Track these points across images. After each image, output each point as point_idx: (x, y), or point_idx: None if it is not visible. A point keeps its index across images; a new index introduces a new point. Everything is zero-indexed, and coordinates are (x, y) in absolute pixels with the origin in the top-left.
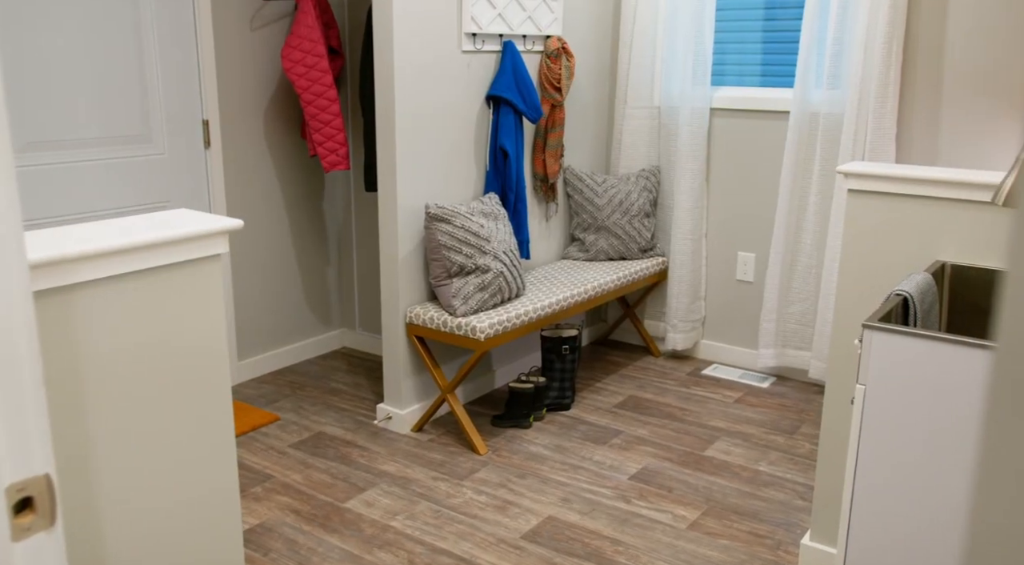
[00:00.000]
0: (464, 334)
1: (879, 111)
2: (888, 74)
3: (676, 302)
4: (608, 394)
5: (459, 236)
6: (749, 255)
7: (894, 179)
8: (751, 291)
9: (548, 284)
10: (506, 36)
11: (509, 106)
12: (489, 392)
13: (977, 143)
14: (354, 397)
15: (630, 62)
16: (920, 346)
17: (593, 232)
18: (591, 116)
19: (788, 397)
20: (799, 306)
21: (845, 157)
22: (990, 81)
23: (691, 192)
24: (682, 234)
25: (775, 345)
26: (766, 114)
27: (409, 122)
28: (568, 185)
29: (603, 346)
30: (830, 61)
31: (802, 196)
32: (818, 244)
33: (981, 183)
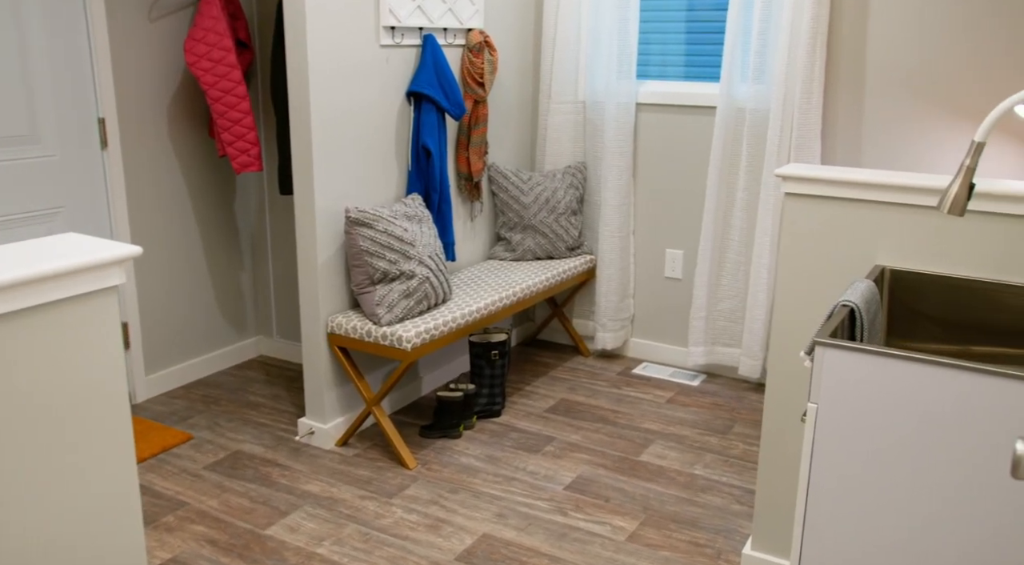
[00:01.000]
0: (390, 344)
1: (804, 107)
2: (813, 70)
3: (605, 301)
4: (539, 398)
5: (382, 241)
6: (677, 252)
7: (832, 182)
8: (680, 288)
9: (475, 287)
10: (426, 29)
11: (431, 103)
12: (416, 400)
13: (900, 140)
14: (273, 411)
15: (554, 56)
16: (874, 363)
17: (520, 231)
18: (515, 112)
19: (719, 395)
20: (728, 303)
21: (772, 153)
22: (912, 78)
23: (618, 189)
24: (610, 232)
25: (705, 343)
26: (692, 109)
27: (325, 121)
28: (493, 183)
29: (532, 347)
30: (755, 57)
31: (729, 192)
32: (746, 241)
33: (920, 187)
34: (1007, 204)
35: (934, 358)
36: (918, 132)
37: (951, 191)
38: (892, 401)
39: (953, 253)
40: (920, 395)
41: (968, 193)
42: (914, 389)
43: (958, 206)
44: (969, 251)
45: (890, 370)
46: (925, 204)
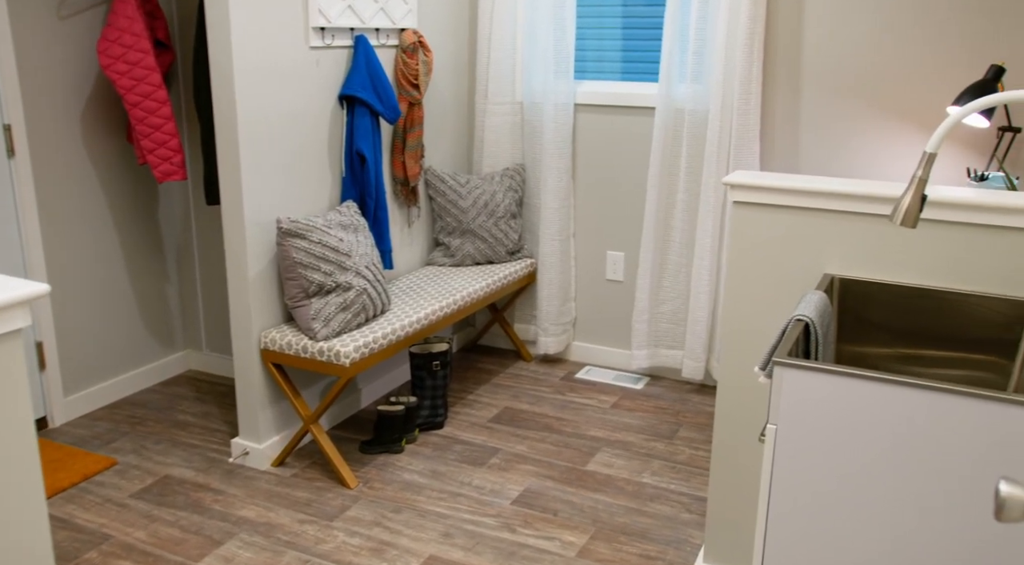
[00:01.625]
0: (327, 360)
1: (743, 108)
2: (750, 71)
3: (547, 305)
4: (482, 407)
5: (316, 252)
6: (618, 254)
7: (780, 191)
8: (621, 291)
9: (415, 296)
10: (358, 30)
11: (364, 106)
12: (356, 413)
13: (837, 140)
14: (204, 430)
15: (489, 56)
16: (835, 383)
17: (458, 236)
18: (451, 113)
19: (663, 398)
20: (670, 305)
21: (711, 155)
22: (848, 78)
23: (558, 191)
24: (550, 235)
25: (648, 346)
26: (631, 110)
27: (253, 127)
28: (430, 187)
29: (473, 353)
30: (693, 57)
31: (670, 194)
32: (687, 243)
33: (869, 195)
34: (955, 212)
35: (899, 378)
36: (854, 132)
37: (903, 203)
38: (855, 422)
39: (902, 261)
40: (884, 416)
41: (920, 204)
42: (878, 410)
43: (911, 218)
44: (918, 259)
45: (853, 390)
46: (874, 212)
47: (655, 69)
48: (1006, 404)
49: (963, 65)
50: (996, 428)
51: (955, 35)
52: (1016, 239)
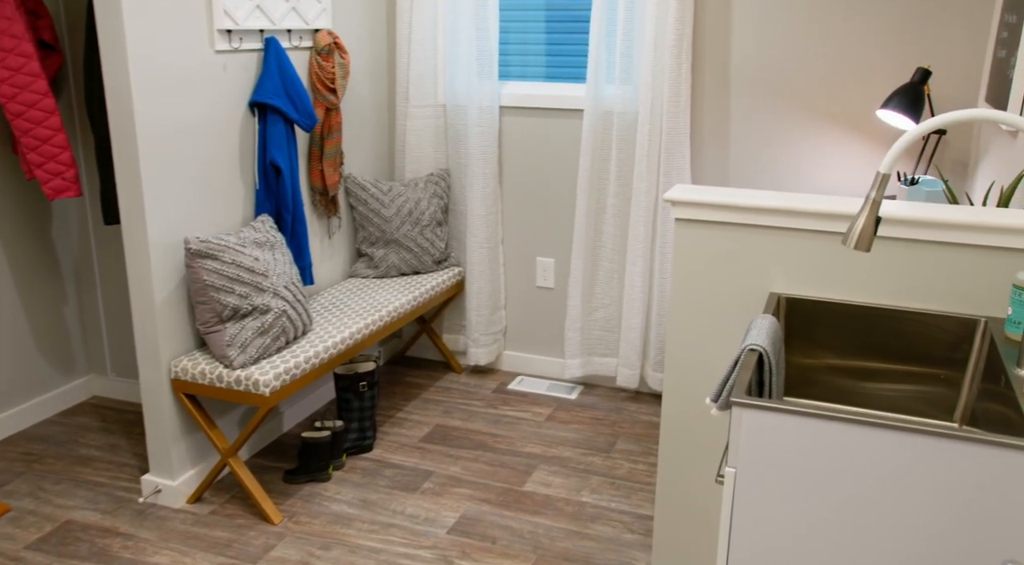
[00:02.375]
0: (245, 389)
1: (673, 110)
2: (680, 72)
3: (476, 315)
4: (412, 425)
5: (230, 274)
6: (548, 260)
7: (723, 207)
8: (552, 298)
9: (338, 313)
10: (268, 32)
11: (278, 114)
12: (278, 439)
13: (768, 142)
14: (110, 465)
15: (410, 57)
16: (798, 423)
17: (382, 246)
18: (371, 118)
19: (598, 408)
20: (603, 312)
21: (642, 158)
22: (776, 80)
23: (484, 197)
24: (478, 242)
25: (581, 354)
26: (559, 112)
27: (154, 138)
28: (351, 196)
29: (401, 365)
30: (621, 58)
31: (600, 198)
32: (619, 248)
33: (815, 211)
34: (902, 228)
35: (869, 418)
36: (785, 134)
37: (857, 225)
38: (822, 464)
39: (849, 279)
40: (853, 457)
41: (874, 227)
42: (846, 451)
43: (864, 241)
44: (865, 277)
45: (819, 431)
46: (821, 229)
47: (582, 70)
48: (983, 445)
49: (890, 68)
50: (973, 469)
51: (882, 38)
52: (963, 255)
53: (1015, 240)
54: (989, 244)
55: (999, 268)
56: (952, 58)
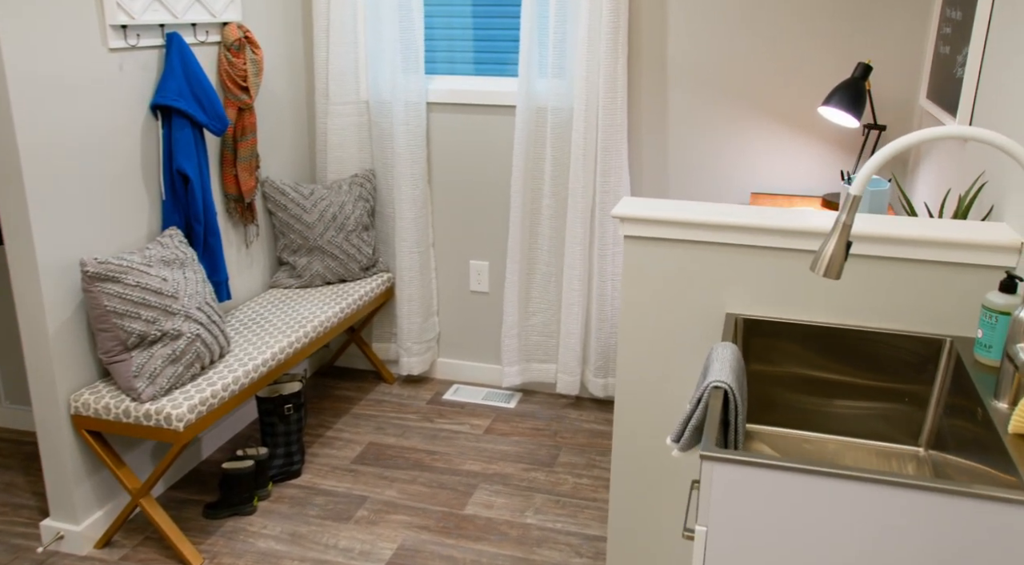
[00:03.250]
0: (156, 424)
1: (609, 106)
2: (616, 67)
3: (408, 323)
4: (343, 444)
5: (134, 297)
6: (482, 264)
7: (675, 223)
8: (487, 302)
9: (259, 331)
10: (169, 27)
11: (184, 117)
12: (196, 467)
13: (706, 139)
14: (5, 508)
15: (328, 50)
16: (776, 479)
17: (305, 254)
18: (288, 117)
19: (539, 417)
20: (540, 317)
21: (578, 157)
22: (715, 76)
23: (414, 200)
24: (407, 247)
25: (519, 361)
26: (490, 109)
27: (40, 150)
28: (269, 201)
29: (328, 377)
30: (554, 51)
31: (535, 199)
32: (555, 250)
33: (771, 227)
34: (865, 245)
35: (854, 472)
36: (725, 129)
37: (826, 251)
38: (801, 520)
39: (809, 298)
40: (836, 514)
41: (845, 253)
42: (828, 507)
43: (834, 268)
44: (826, 296)
45: (798, 485)
46: (778, 246)
47: (514, 65)
48: (976, 500)
49: (831, 63)
50: (967, 526)
51: (821, 33)
52: (926, 272)
53: (980, 256)
54: (954, 260)
55: (964, 285)
56: (890, 53)
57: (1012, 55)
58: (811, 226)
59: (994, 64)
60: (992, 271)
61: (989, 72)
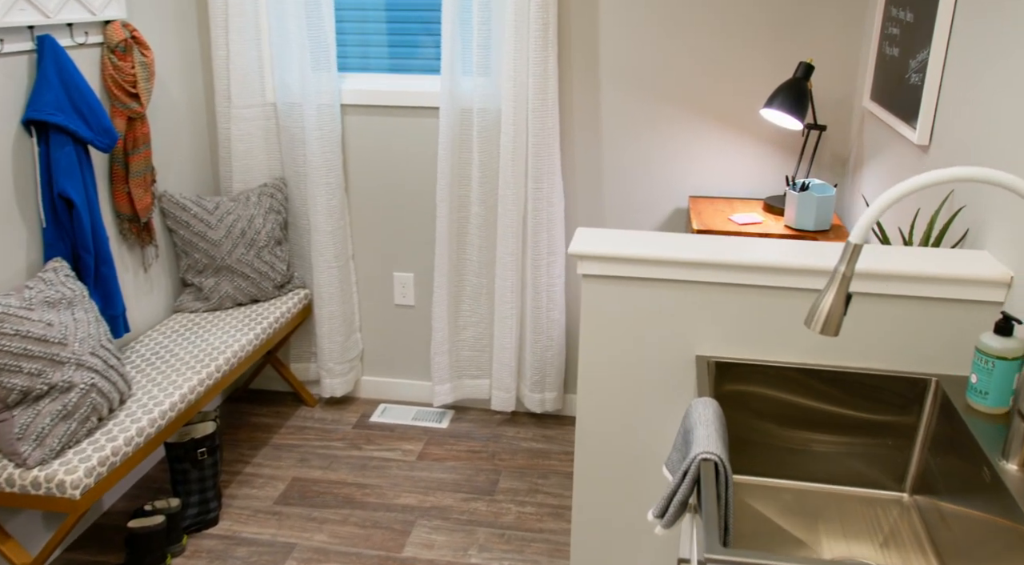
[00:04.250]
0: (47, 493)
1: (540, 108)
2: (546, 65)
3: (328, 342)
4: (264, 482)
5: (14, 349)
6: (407, 275)
7: (637, 261)
8: (414, 316)
9: (164, 368)
10: (40, 28)
11: (64, 133)
12: (95, 523)
13: (644, 141)
14: None
15: (228, 49)
16: None
17: (212, 274)
18: (186, 124)
19: (474, 437)
20: (472, 331)
21: (507, 163)
22: (650, 77)
23: (330, 210)
24: (325, 262)
25: (451, 379)
26: (411, 110)
27: None
28: (168, 218)
29: (243, 403)
30: (479, 49)
31: (462, 207)
32: (486, 261)
33: (741, 263)
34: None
35: None
36: (663, 131)
37: (824, 306)
38: None
39: (784, 337)
40: None
41: (844, 306)
42: None
43: (832, 325)
44: (803, 335)
45: None
46: (752, 283)
47: (435, 59)
48: None
49: (769, 62)
50: None
51: (758, 31)
52: (908, 309)
53: (965, 291)
54: (937, 296)
55: (949, 321)
56: (827, 52)
57: (978, 67)
58: (787, 262)
59: (957, 75)
60: (979, 306)
61: (952, 82)
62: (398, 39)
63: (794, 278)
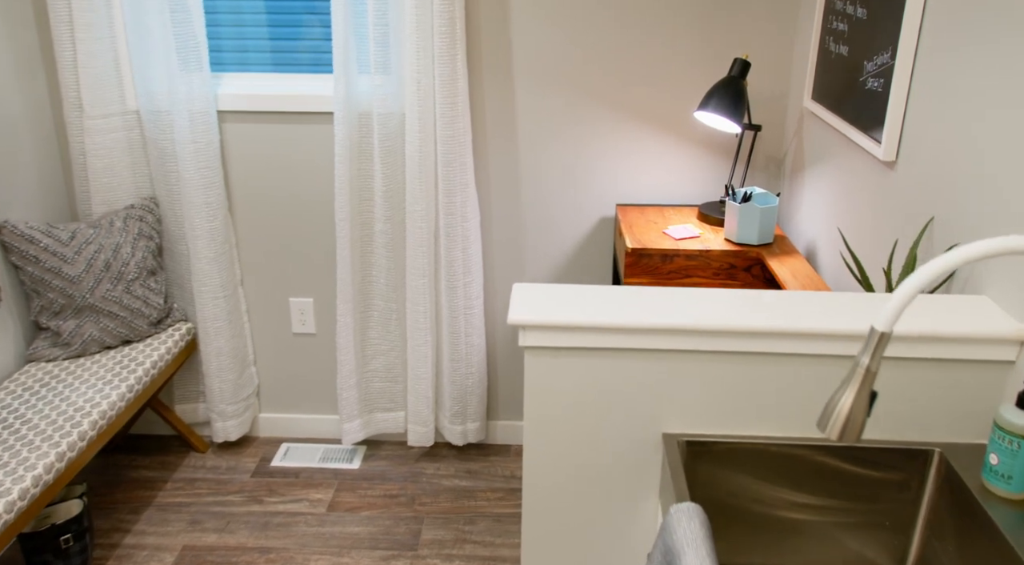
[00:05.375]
0: None
1: (449, 112)
2: (454, 64)
3: (219, 381)
4: (148, 556)
5: None
6: (305, 301)
7: (590, 329)
8: (315, 346)
9: (12, 442)
10: None
11: None
12: None
13: (566, 146)
14: None
15: (75, 47)
16: None
17: (72, 316)
18: (27, 140)
19: (390, 478)
20: (382, 360)
21: (414, 174)
22: (571, 76)
23: (212, 233)
24: (210, 291)
25: (361, 414)
26: (302, 116)
27: None
28: (12, 253)
29: (120, 453)
30: (376, 47)
31: (366, 224)
32: (395, 283)
33: (710, 329)
34: (826, 343)
35: None
36: (583, 135)
37: (843, 406)
38: None
39: (761, 408)
40: None
41: (868, 407)
42: None
43: (854, 430)
44: (782, 405)
45: None
46: (723, 349)
47: (325, 52)
48: None
49: (697, 58)
50: None
51: (684, 25)
52: (902, 371)
53: (970, 350)
54: (936, 356)
55: (950, 384)
56: (758, 47)
57: (953, 75)
58: (765, 325)
59: (928, 83)
60: (986, 367)
61: (922, 91)
62: (282, 31)
63: (778, 343)
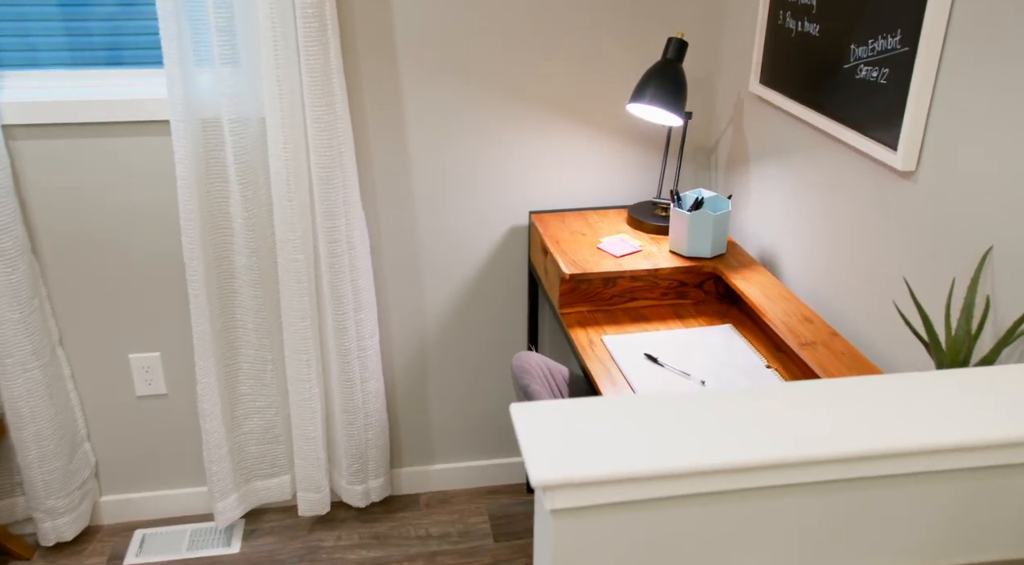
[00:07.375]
0: None
1: (325, 116)
2: (327, 55)
3: (41, 474)
4: None
5: None
6: (150, 356)
7: (635, 480)
8: (167, 408)
9: None
10: None
11: None
12: None
13: (461, 150)
14: None
15: None
16: None
17: None
18: None
19: (281, 559)
20: (257, 420)
21: (281, 194)
22: (460, 62)
23: (12, 288)
24: (18, 363)
25: (236, 486)
26: (125, 127)
27: None
28: None
29: None
30: (219, 36)
31: (223, 259)
32: (268, 328)
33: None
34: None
35: None
36: (487, 134)
37: None
38: None
39: (858, 545)
40: None
41: None
42: None
43: None
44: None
45: None
46: (806, 481)
47: (154, 51)
48: None
49: (616, 40)
50: None
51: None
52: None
53: None
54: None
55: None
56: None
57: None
58: (897, 445)
59: (961, 75)
60: None
61: (952, 84)
62: (88, 11)
63: (901, 463)
